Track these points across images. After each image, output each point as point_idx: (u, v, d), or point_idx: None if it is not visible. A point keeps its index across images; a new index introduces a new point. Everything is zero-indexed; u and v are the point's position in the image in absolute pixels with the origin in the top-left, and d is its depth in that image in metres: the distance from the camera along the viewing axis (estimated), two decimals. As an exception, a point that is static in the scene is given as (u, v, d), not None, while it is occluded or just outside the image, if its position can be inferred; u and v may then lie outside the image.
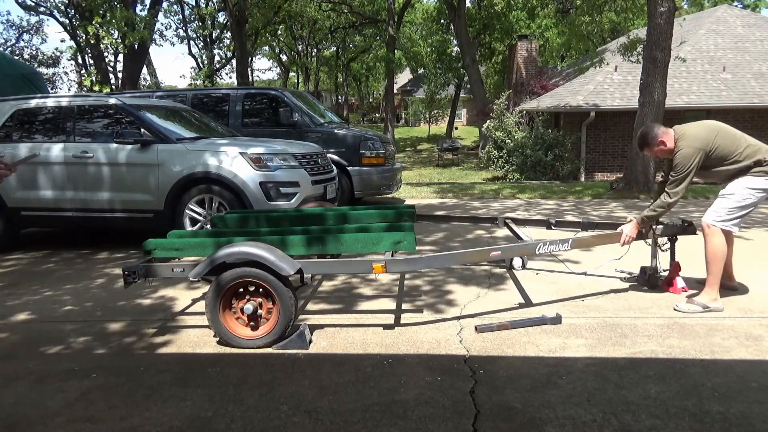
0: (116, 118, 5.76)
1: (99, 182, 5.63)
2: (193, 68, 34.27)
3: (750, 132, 3.87)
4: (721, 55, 15.28)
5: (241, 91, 8.48)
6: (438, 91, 32.21)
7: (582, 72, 15.34)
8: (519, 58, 20.57)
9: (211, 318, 3.11)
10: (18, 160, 4.18)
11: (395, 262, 3.21)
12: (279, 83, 45.47)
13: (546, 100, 16.55)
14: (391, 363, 2.92)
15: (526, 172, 13.77)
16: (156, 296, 4.24)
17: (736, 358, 2.87)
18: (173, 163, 5.48)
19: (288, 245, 3.23)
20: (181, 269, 3.23)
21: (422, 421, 2.34)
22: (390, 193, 8.61)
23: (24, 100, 6.05)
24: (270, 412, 2.45)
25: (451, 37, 26.85)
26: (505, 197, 9.58)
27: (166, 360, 3.05)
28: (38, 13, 24.42)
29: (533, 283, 4.32)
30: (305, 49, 39.76)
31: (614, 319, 3.45)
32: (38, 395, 2.67)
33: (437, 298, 4.00)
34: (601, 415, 2.34)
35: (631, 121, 9.89)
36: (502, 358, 2.95)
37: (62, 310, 3.99)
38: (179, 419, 2.41)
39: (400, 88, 44.11)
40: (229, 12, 18.31)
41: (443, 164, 19.54)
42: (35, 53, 28.67)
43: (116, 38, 14.03)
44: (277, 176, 5.57)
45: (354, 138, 7.96)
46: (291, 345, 3.11)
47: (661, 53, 8.39)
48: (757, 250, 5.19)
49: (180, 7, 28.93)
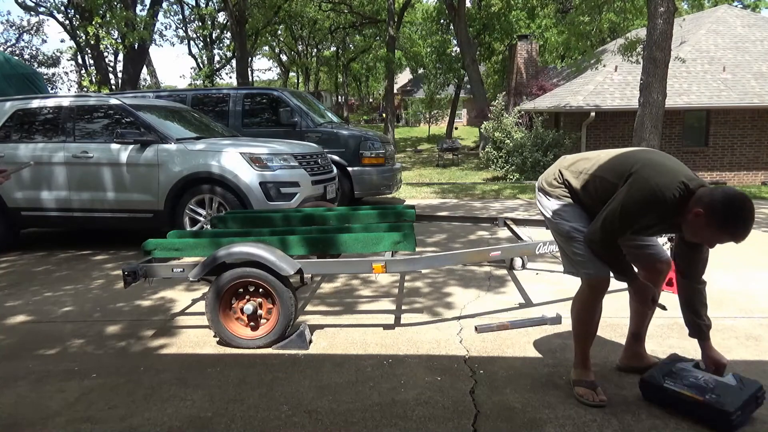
0: (116, 118, 5.76)
1: (99, 182, 5.63)
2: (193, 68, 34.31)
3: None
4: (721, 55, 15.27)
5: (241, 91, 8.48)
6: (438, 91, 32.18)
7: (580, 71, 15.34)
8: (519, 58, 20.57)
9: (211, 318, 3.11)
10: (11, 169, 4.19)
11: (395, 262, 3.21)
12: (279, 83, 45.47)
13: (546, 101, 16.55)
14: (391, 363, 2.92)
15: (526, 173, 13.77)
16: (156, 296, 4.24)
17: (736, 358, 2.87)
18: (173, 163, 5.48)
19: (288, 245, 3.23)
20: (181, 269, 3.23)
21: (422, 421, 2.34)
22: (390, 193, 8.60)
23: (24, 100, 6.05)
24: (270, 412, 2.45)
25: (451, 37, 26.87)
26: (506, 197, 9.57)
27: (166, 360, 3.05)
28: (38, 13, 24.39)
29: (533, 283, 4.32)
30: (305, 49, 39.75)
31: (614, 319, 3.44)
32: (38, 395, 2.67)
33: (437, 299, 4.00)
34: (601, 415, 2.34)
35: (631, 121, 9.88)
36: (502, 358, 2.95)
37: (62, 310, 3.99)
38: (179, 419, 2.41)
39: (400, 88, 44.11)
40: (229, 12, 18.32)
41: (443, 164, 19.52)
42: (35, 53, 28.67)
43: (116, 38, 14.02)
44: (278, 176, 5.57)
45: (354, 138, 7.96)
46: (291, 345, 3.11)
47: (661, 53, 8.39)
48: (757, 250, 5.19)
49: (180, 7, 28.96)
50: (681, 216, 2.16)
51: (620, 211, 2.22)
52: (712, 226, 2.07)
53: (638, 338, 2.75)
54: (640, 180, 2.19)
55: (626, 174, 2.24)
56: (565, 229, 2.47)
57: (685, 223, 2.16)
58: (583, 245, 2.40)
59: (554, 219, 2.52)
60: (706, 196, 2.08)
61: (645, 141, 8.58)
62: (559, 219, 2.49)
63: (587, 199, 2.43)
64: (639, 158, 2.29)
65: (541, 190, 2.60)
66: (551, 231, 2.63)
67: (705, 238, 2.16)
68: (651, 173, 2.18)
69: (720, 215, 2.03)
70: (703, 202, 2.07)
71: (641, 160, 2.26)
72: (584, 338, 2.56)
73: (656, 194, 2.14)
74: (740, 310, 3.58)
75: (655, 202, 2.16)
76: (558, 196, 2.51)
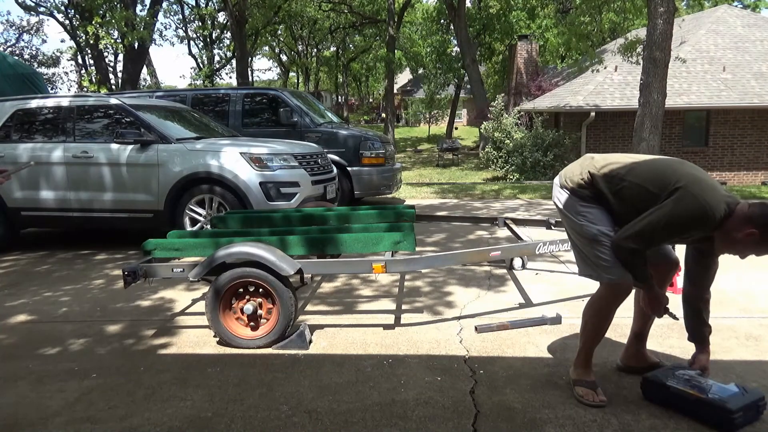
0: (116, 118, 5.76)
1: (99, 182, 5.63)
2: (193, 68, 34.30)
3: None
4: (721, 55, 15.28)
5: (241, 91, 8.48)
6: (438, 92, 32.20)
7: (580, 71, 15.34)
8: (519, 58, 20.57)
9: (211, 318, 3.11)
10: (11, 169, 4.20)
11: (395, 262, 3.21)
12: (279, 83, 45.46)
13: (546, 101, 16.56)
14: (391, 363, 2.92)
15: (526, 173, 13.77)
16: (156, 296, 4.24)
17: (736, 359, 2.87)
18: (173, 163, 5.47)
19: (288, 245, 3.23)
20: (180, 269, 3.22)
21: (422, 421, 2.34)
22: (390, 193, 8.60)
23: (24, 100, 6.05)
24: (270, 412, 2.45)
25: (451, 37, 26.87)
26: (506, 197, 9.57)
27: (166, 360, 3.05)
28: (38, 13, 24.38)
29: (533, 283, 4.32)
30: (305, 49, 39.75)
31: (615, 319, 3.43)
32: (38, 395, 2.67)
33: (437, 299, 4.00)
34: (601, 415, 2.34)
35: (631, 121, 9.88)
36: (502, 358, 2.95)
37: (62, 310, 3.99)
38: (179, 419, 2.41)
39: (400, 88, 44.11)
40: (229, 12, 18.30)
41: (443, 164, 19.53)
42: (35, 53, 28.68)
43: (115, 38, 14.01)
44: (278, 176, 5.57)
45: (354, 138, 7.96)
46: (291, 345, 3.11)
47: (661, 53, 8.39)
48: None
49: (180, 7, 28.95)
50: (722, 232, 2.21)
51: (664, 224, 2.22)
52: (765, 244, 2.15)
53: (641, 339, 2.75)
54: (689, 197, 2.19)
55: (671, 187, 2.23)
56: (591, 232, 2.40)
57: (729, 239, 2.21)
58: (609, 250, 2.36)
59: (579, 221, 2.45)
60: (757, 217, 2.13)
61: (645, 141, 8.58)
62: (585, 221, 2.43)
63: (619, 205, 2.38)
64: (684, 173, 2.28)
65: (564, 188, 2.52)
66: (568, 230, 2.58)
67: (746, 253, 2.24)
68: (699, 191, 2.19)
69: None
70: (756, 222, 2.12)
71: (686, 176, 2.26)
72: (593, 340, 2.55)
73: (706, 212, 2.17)
74: (740, 310, 3.58)
75: (701, 219, 2.18)
76: (584, 197, 2.45)
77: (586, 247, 2.46)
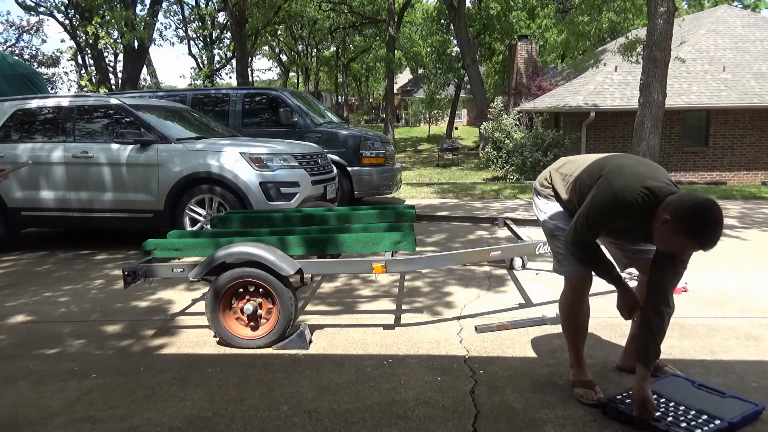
0: (116, 118, 5.76)
1: (99, 182, 5.63)
2: (193, 68, 34.26)
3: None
4: (721, 55, 15.28)
5: (241, 91, 8.48)
6: (438, 92, 32.20)
7: (580, 71, 15.34)
8: (519, 58, 20.58)
9: (211, 318, 3.11)
10: (10, 168, 4.20)
11: (395, 262, 3.21)
12: (279, 83, 45.45)
13: (546, 100, 16.56)
14: (391, 363, 2.92)
15: (526, 173, 13.77)
16: (156, 297, 4.24)
17: (736, 359, 2.87)
18: (173, 163, 5.47)
19: (288, 245, 3.23)
20: (180, 269, 3.22)
21: (422, 421, 2.34)
22: (390, 193, 8.60)
23: (24, 100, 6.05)
24: (270, 412, 2.45)
25: (451, 37, 26.86)
26: (506, 197, 9.57)
27: (166, 360, 3.05)
28: (38, 13, 24.39)
29: (533, 283, 4.32)
30: (305, 49, 39.73)
31: (614, 319, 3.44)
32: (38, 395, 2.67)
33: (437, 299, 4.00)
34: (601, 415, 2.34)
35: (631, 121, 9.88)
36: (502, 358, 2.95)
37: (62, 310, 3.99)
38: (179, 419, 2.41)
39: (400, 88, 44.10)
40: (229, 12, 18.30)
41: (443, 164, 19.54)
42: (35, 53, 28.68)
43: (115, 39, 14.01)
44: (278, 176, 5.57)
45: (354, 138, 7.96)
46: (291, 345, 3.11)
47: (661, 53, 8.39)
48: (756, 251, 5.19)
49: (180, 7, 28.93)
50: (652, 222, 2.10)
51: (586, 214, 2.26)
52: (679, 233, 2.00)
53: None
54: (604, 183, 2.21)
55: (597, 177, 2.28)
56: (548, 227, 2.58)
57: (654, 229, 2.09)
58: (564, 244, 2.46)
59: (540, 217, 2.64)
60: (673, 203, 2.03)
61: (645, 141, 8.58)
62: (545, 217, 2.60)
63: (570, 201, 2.48)
64: (611, 162, 2.29)
65: (534, 190, 2.71)
66: (542, 230, 2.72)
67: (673, 246, 2.09)
68: (615, 176, 2.19)
69: (687, 222, 1.97)
70: (671, 208, 2.01)
71: (612, 165, 2.27)
72: (574, 336, 2.57)
73: (617, 197, 2.14)
74: (740, 310, 3.58)
75: (615, 205, 2.15)
76: (546, 196, 2.61)
77: (549, 242, 2.63)
